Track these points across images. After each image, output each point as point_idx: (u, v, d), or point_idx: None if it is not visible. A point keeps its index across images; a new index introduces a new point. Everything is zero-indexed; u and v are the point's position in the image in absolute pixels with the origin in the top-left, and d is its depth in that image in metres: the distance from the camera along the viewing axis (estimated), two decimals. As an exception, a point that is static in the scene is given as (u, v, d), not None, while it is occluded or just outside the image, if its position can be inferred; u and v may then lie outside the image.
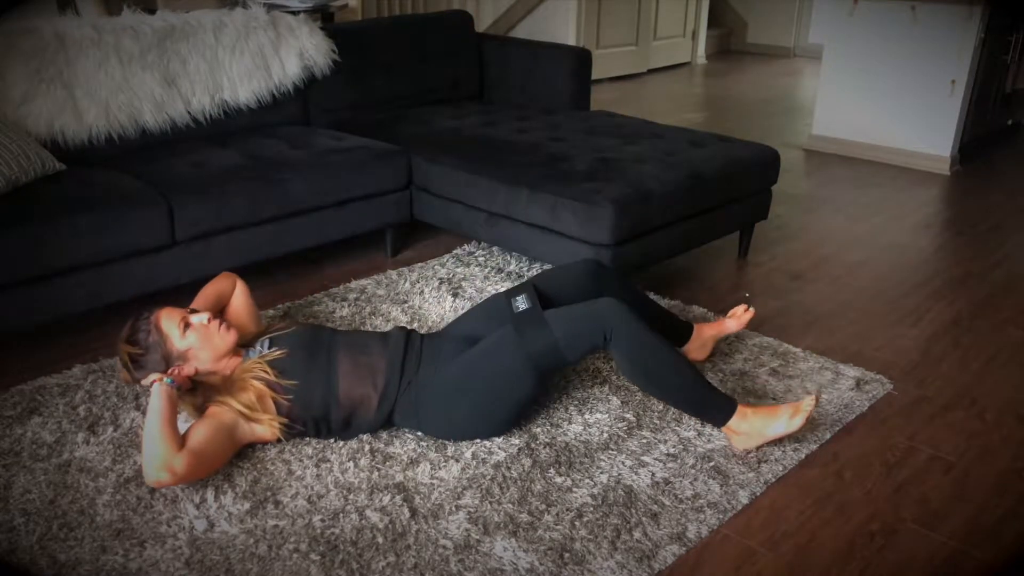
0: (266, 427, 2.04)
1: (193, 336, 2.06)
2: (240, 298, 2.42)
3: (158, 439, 1.86)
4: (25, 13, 3.20)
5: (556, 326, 2.06)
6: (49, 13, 3.89)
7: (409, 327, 2.33)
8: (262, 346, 2.14)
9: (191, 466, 1.86)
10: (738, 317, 2.51)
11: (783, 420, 2.10)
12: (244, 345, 2.17)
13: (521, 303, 2.17)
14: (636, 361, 2.09)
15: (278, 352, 2.09)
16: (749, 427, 2.11)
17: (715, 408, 2.13)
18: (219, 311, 2.34)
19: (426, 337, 2.24)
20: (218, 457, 1.96)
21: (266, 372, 2.04)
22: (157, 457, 1.84)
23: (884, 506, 2.00)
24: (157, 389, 1.95)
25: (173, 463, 1.83)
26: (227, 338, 2.11)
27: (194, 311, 2.14)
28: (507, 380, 2.08)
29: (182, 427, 2.16)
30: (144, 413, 2.21)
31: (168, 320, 2.07)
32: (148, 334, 2.05)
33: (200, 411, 2.07)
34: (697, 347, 2.51)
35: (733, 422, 2.11)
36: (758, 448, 2.14)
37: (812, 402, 2.11)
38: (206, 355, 2.07)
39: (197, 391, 2.11)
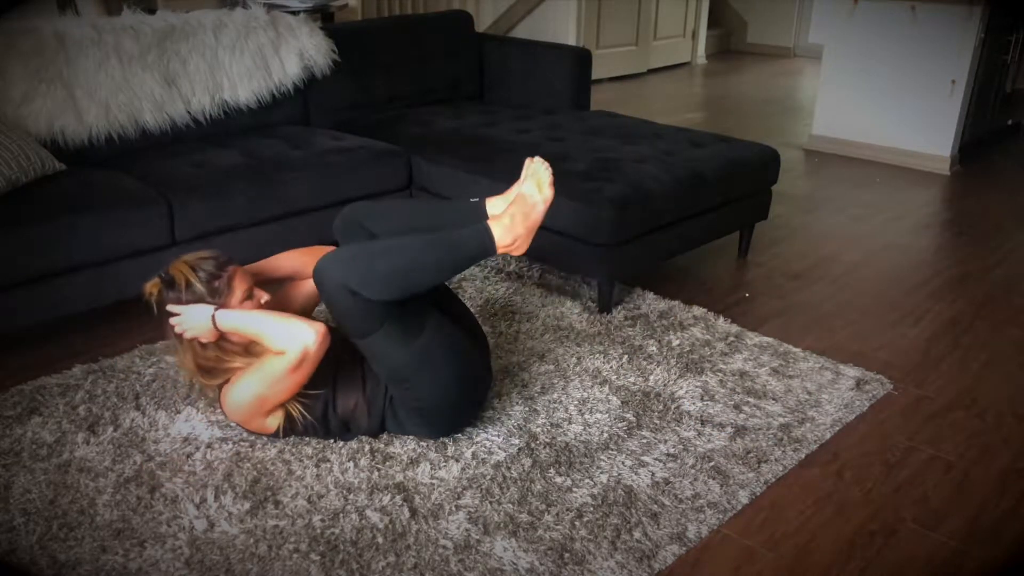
0: (279, 410, 2.04)
1: (248, 307, 2.05)
2: (310, 287, 2.26)
3: (286, 317, 1.98)
4: (25, 13, 3.20)
5: (351, 331, 2.00)
6: (49, 13, 3.90)
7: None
8: None
9: (328, 336, 1.95)
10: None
11: (536, 201, 2.00)
12: None
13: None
14: (376, 288, 1.91)
15: None
16: (514, 231, 1.99)
17: (476, 246, 1.99)
18: (279, 283, 2.28)
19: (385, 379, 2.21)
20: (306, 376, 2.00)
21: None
22: (302, 326, 1.94)
23: (884, 506, 2.00)
24: (223, 312, 1.99)
25: (325, 331, 1.94)
26: None
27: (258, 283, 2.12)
28: (417, 369, 2.02)
29: (183, 421, 2.17)
30: (141, 411, 2.22)
31: (241, 280, 2.04)
32: (218, 278, 2.01)
33: (202, 370, 2.04)
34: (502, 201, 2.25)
35: (499, 239, 1.98)
36: (534, 237, 2.03)
37: (542, 161, 2.03)
38: None
39: (209, 348, 2.05)
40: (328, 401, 2.08)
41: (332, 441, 2.12)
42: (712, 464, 2.09)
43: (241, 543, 1.79)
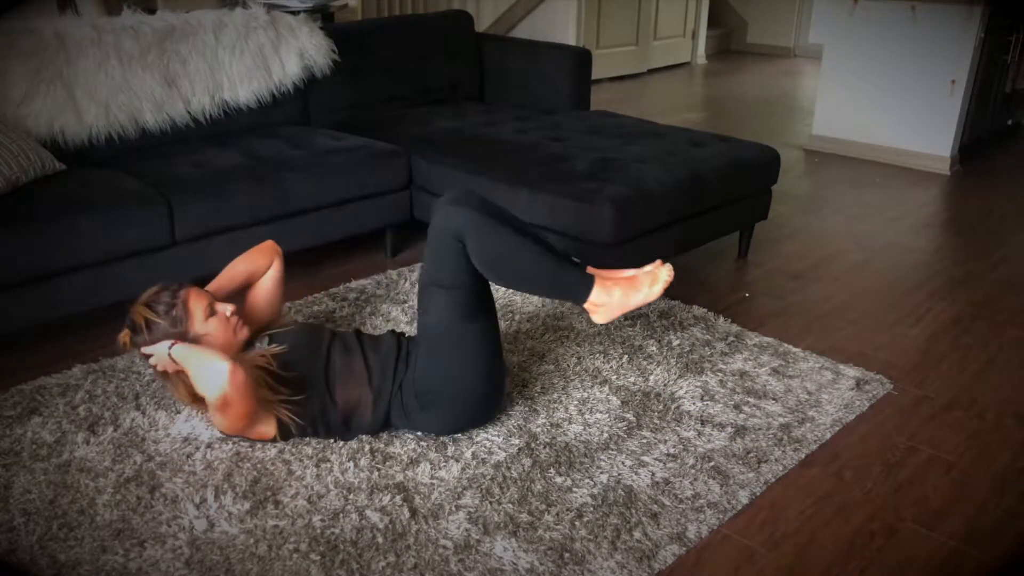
0: (269, 417, 2.05)
1: (213, 324, 2.07)
2: (269, 282, 2.34)
3: (210, 356, 1.93)
4: (25, 13, 3.20)
5: (429, 272, 2.07)
6: (49, 13, 3.89)
7: (397, 331, 2.32)
8: (261, 342, 2.15)
9: (244, 377, 1.92)
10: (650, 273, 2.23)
11: (643, 289, 2.07)
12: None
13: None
14: (484, 254, 2.01)
15: (277, 348, 2.10)
16: (610, 299, 2.07)
17: (576, 285, 2.08)
18: (243, 290, 2.31)
19: (411, 339, 2.23)
20: (254, 404, 1.99)
21: (269, 363, 2.04)
22: (217, 367, 1.90)
23: (884, 506, 2.00)
24: (181, 346, 1.99)
25: (233, 371, 1.89)
26: (240, 335, 2.12)
27: (217, 298, 2.14)
28: (455, 348, 2.06)
29: (183, 421, 2.17)
30: (141, 411, 2.22)
31: (196, 301, 2.07)
32: (173, 307, 2.05)
33: (192, 397, 2.06)
34: None
35: (595, 295, 2.06)
36: (619, 318, 2.11)
37: (670, 269, 2.09)
38: (217, 345, 2.07)
39: None
40: (324, 397, 2.08)
41: (332, 441, 2.12)
42: (712, 464, 2.09)
43: (241, 543, 1.79)
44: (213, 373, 1.92)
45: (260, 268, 2.34)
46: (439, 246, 2.04)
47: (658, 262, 2.14)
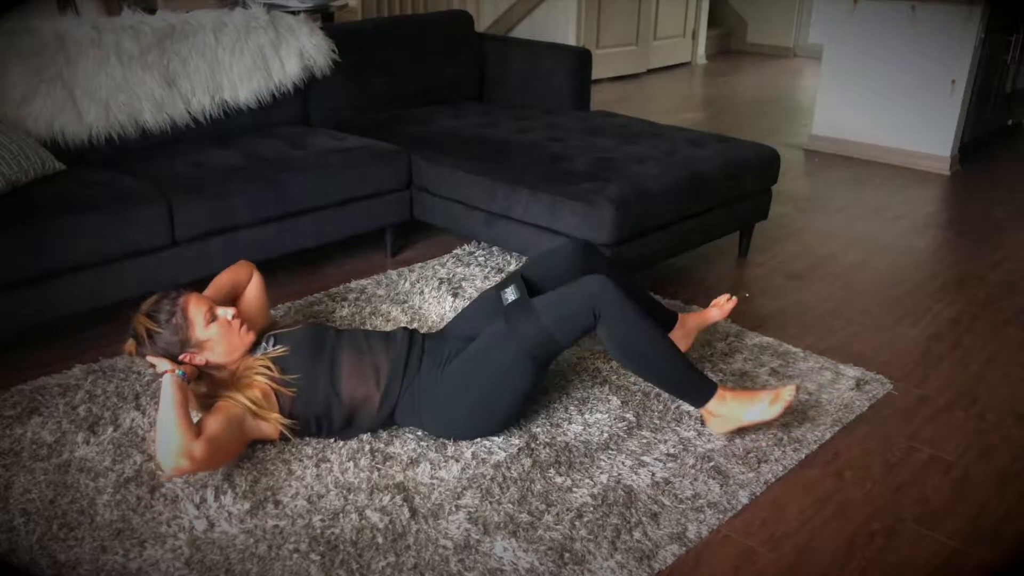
0: (272, 425, 2.05)
1: (215, 329, 2.07)
2: (254, 291, 2.40)
3: (174, 426, 1.85)
4: (25, 13, 3.20)
5: (545, 312, 2.06)
6: (49, 13, 3.90)
7: (411, 327, 2.33)
8: (267, 343, 2.14)
9: (208, 452, 1.86)
10: (721, 306, 2.49)
11: (762, 407, 2.11)
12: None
13: (510, 294, 2.18)
14: (623, 339, 2.08)
15: (282, 349, 2.10)
16: (727, 410, 2.12)
17: (696, 390, 2.14)
18: (232, 301, 2.33)
19: (427, 337, 2.24)
20: (231, 447, 1.96)
21: (269, 369, 2.04)
22: (175, 444, 1.83)
23: (884, 506, 2.00)
24: (169, 380, 1.95)
25: (192, 449, 1.83)
26: (245, 339, 2.12)
27: (217, 303, 2.15)
28: (505, 374, 2.08)
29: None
30: (141, 411, 2.22)
31: (196, 307, 2.07)
32: (173, 315, 2.05)
33: (204, 405, 2.06)
34: (680, 336, 2.48)
35: (712, 404, 2.13)
36: (733, 432, 2.16)
37: (793, 391, 2.11)
38: (221, 350, 2.08)
39: (202, 380, 2.11)
40: (329, 395, 2.08)
41: (332, 441, 2.12)
42: (712, 464, 2.09)
43: (241, 543, 1.79)
44: (169, 455, 1.82)
45: (243, 279, 2.39)
46: (578, 303, 2.06)
47: (793, 386, 2.15)
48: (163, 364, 2.02)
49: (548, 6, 6.69)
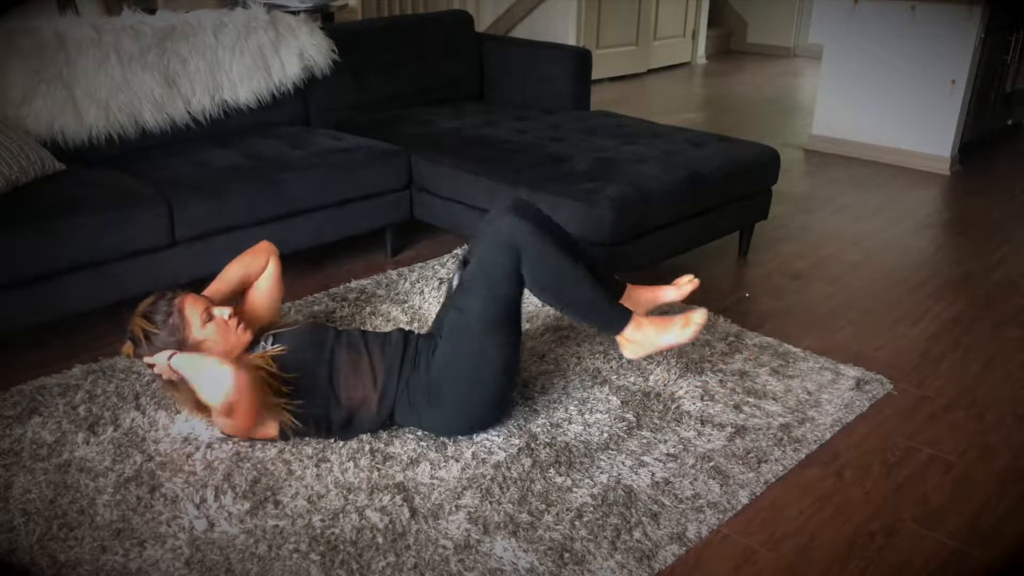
0: (271, 419, 2.05)
1: (212, 328, 2.07)
2: (265, 283, 2.35)
3: (215, 361, 1.92)
4: (25, 13, 3.20)
5: (475, 280, 2.07)
6: (49, 13, 3.90)
7: (408, 328, 2.33)
8: (266, 342, 2.14)
9: (249, 383, 1.92)
10: (680, 287, 2.41)
11: (675, 331, 2.14)
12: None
13: (455, 280, 2.21)
14: (538, 273, 2.07)
15: (280, 348, 2.09)
16: (642, 336, 2.15)
17: (613, 318, 2.16)
18: (241, 293, 2.32)
19: (421, 337, 2.24)
20: (258, 399, 1.98)
21: (269, 364, 2.04)
22: (219, 373, 1.89)
23: (884, 506, 2.00)
24: (179, 355, 1.99)
25: (238, 373, 1.89)
26: (242, 338, 2.12)
27: (214, 303, 2.15)
28: (479, 355, 2.08)
29: (183, 421, 2.17)
30: (141, 411, 2.22)
31: (192, 307, 2.07)
32: (169, 316, 2.05)
33: (196, 406, 2.06)
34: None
35: (628, 331, 2.14)
36: (647, 357, 2.19)
37: (703, 314, 2.15)
38: (219, 349, 2.07)
39: None
40: (328, 395, 2.08)
41: (332, 441, 2.12)
42: (712, 464, 2.09)
43: (241, 543, 1.79)
44: (215, 379, 1.91)
45: (255, 270, 2.35)
46: (494, 251, 2.06)
47: (701, 310, 2.18)
48: (161, 356, 2.02)
49: (548, 6, 6.69)
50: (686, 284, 2.40)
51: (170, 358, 2.00)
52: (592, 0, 6.69)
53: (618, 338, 2.17)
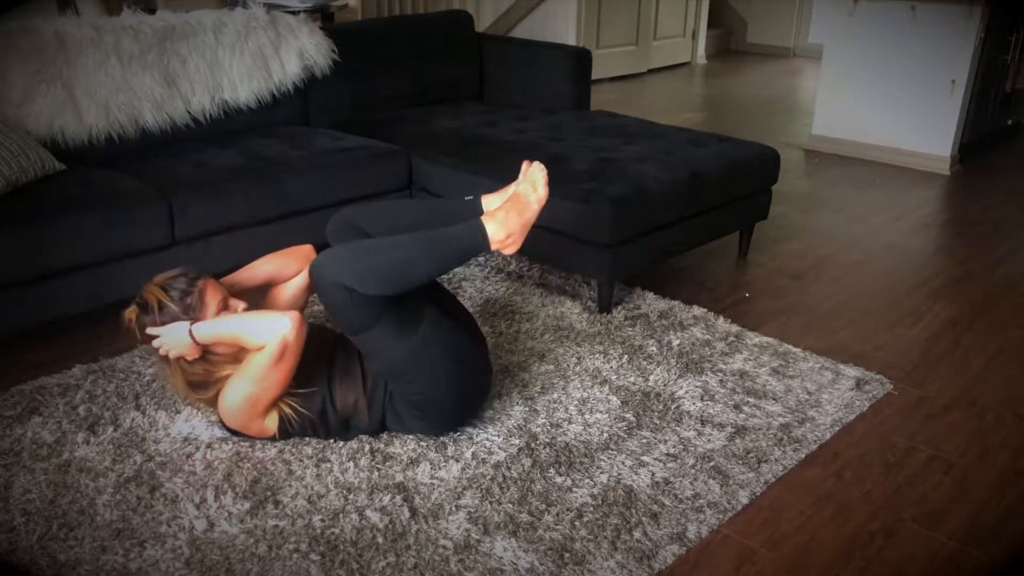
0: (272, 412, 2.05)
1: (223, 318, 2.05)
2: (294, 289, 2.27)
3: (263, 313, 2.00)
4: (25, 13, 3.20)
5: (344, 328, 2.04)
6: (49, 13, 3.89)
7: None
8: None
9: (305, 328, 1.97)
10: (523, 171, 2.16)
11: (531, 199, 2.03)
12: None
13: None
14: (371, 283, 1.92)
15: None
16: (508, 227, 2.00)
17: (470, 243, 2.01)
18: (264, 288, 2.28)
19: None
20: (296, 363, 2.01)
21: None
22: (279, 318, 1.95)
23: (884, 506, 2.00)
24: (208, 322, 2.00)
25: (299, 319, 1.94)
26: None
27: (231, 294, 2.12)
28: (416, 366, 2.03)
29: (183, 421, 2.17)
30: (141, 411, 2.22)
31: (213, 294, 2.03)
32: (188, 295, 2.01)
33: (193, 386, 2.05)
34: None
35: (492, 233, 1.99)
36: (526, 239, 2.06)
37: (540, 166, 2.06)
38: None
39: (197, 364, 2.06)
40: (325, 397, 2.08)
41: (332, 441, 2.12)
42: (712, 464, 2.09)
43: (241, 543, 1.79)
44: (274, 321, 1.95)
45: (287, 273, 2.27)
46: (335, 303, 1.96)
47: (524, 164, 2.10)
48: (173, 327, 1.99)
49: (548, 6, 6.69)
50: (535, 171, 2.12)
51: (192, 326, 1.97)
52: (592, 0, 6.69)
53: (493, 246, 2.01)
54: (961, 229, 3.94)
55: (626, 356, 2.57)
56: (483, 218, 2.02)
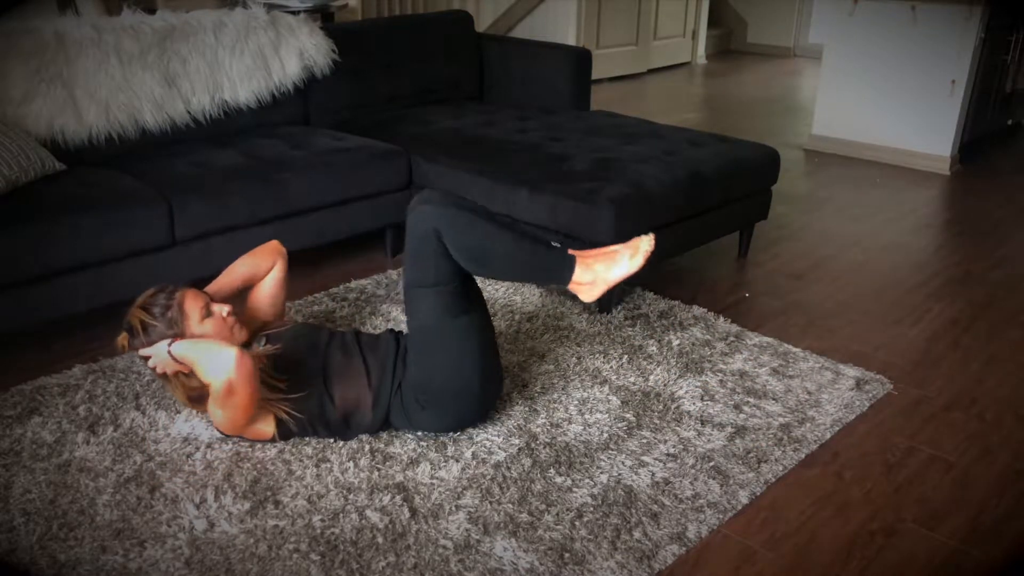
0: (265, 416, 2.05)
1: (209, 325, 2.07)
2: (271, 284, 2.34)
3: (216, 345, 1.95)
4: (25, 13, 3.20)
5: (410, 274, 2.07)
6: (49, 13, 3.89)
7: (396, 329, 2.32)
8: (258, 343, 2.15)
9: (250, 364, 1.92)
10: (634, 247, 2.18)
11: (624, 261, 2.09)
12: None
13: (400, 285, 2.22)
14: (463, 245, 2.00)
15: (272, 348, 2.10)
16: (593, 276, 2.08)
17: (556, 268, 2.09)
18: (244, 291, 2.31)
19: (408, 336, 2.23)
20: (257, 394, 1.99)
21: (262, 362, 2.04)
22: (223, 353, 1.91)
23: (884, 506, 2.00)
24: (181, 342, 2.00)
25: (240, 356, 1.90)
26: (238, 337, 2.12)
27: (214, 299, 2.15)
28: (445, 343, 2.06)
29: (183, 421, 2.17)
30: (141, 411, 2.22)
31: (192, 302, 2.07)
32: (168, 309, 2.04)
33: (192, 400, 2.06)
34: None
35: (577, 275, 2.08)
36: (602, 295, 2.11)
37: (651, 240, 2.11)
38: None
39: (193, 373, 2.07)
40: (322, 397, 2.08)
41: (332, 441, 2.12)
42: (712, 464, 2.09)
43: (241, 543, 1.79)
44: (219, 359, 1.92)
45: (261, 270, 2.34)
46: (418, 246, 2.03)
47: (650, 236, 2.14)
48: (159, 346, 2.02)
49: (548, 6, 6.69)
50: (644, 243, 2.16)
51: (170, 345, 2.00)
52: (592, 0, 6.69)
53: (571, 286, 2.10)
54: (961, 229, 3.94)
55: (626, 356, 2.57)
56: (579, 257, 2.08)
